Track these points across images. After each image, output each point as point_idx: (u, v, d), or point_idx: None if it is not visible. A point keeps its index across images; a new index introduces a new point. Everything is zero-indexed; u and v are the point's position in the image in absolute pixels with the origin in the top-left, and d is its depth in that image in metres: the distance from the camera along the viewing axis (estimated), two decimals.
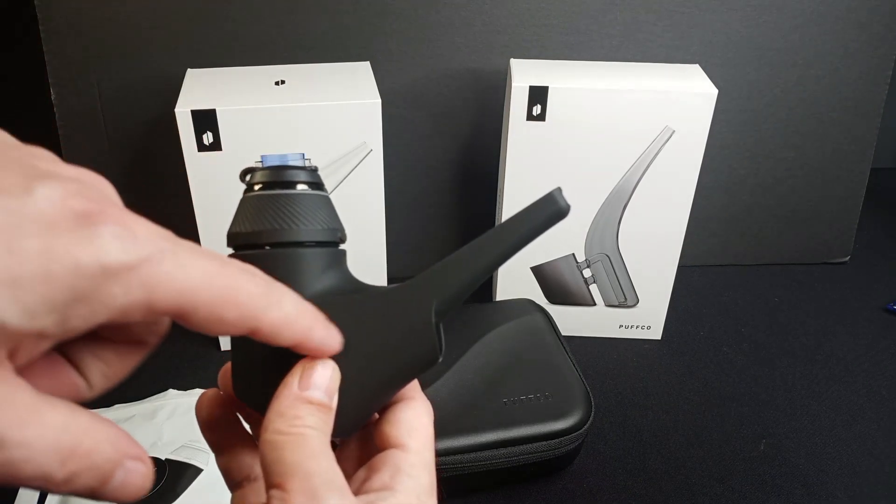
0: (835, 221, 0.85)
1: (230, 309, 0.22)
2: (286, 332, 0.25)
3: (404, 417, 0.30)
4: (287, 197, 0.31)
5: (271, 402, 0.27)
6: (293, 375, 0.28)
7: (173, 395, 0.62)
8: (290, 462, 0.25)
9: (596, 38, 0.73)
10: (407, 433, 0.29)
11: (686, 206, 0.67)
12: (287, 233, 0.30)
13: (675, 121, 0.63)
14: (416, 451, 0.29)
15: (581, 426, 0.56)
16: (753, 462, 0.61)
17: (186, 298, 0.21)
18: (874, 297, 0.81)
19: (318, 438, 0.26)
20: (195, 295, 0.21)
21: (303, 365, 0.28)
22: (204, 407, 0.31)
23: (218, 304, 0.22)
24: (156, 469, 0.56)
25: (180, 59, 0.67)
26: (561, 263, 0.71)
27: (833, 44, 0.75)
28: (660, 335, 0.74)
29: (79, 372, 0.24)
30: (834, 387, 0.69)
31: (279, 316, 0.24)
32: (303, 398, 0.27)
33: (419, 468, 0.29)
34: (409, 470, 0.28)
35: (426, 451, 0.30)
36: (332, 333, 0.27)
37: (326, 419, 0.27)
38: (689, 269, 0.83)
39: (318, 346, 0.26)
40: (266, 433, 0.26)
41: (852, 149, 0.81)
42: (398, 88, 0.73)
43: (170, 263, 0.21)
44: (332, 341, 0.27)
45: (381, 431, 0.30)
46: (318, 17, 0.70)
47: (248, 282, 0.23)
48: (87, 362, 0.24)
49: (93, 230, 0.19)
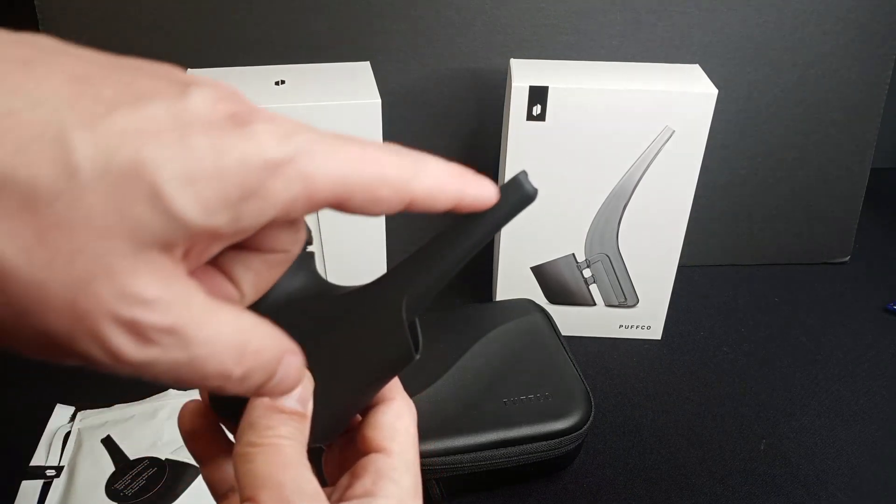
0: (835, 221, 0.85)
1: (383, 187, 0.22)
2: (441, 197, 0.24)
3: (385, 420, 0.29)
4: None
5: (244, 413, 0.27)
6: None
7: (174, 395, 0.62)
8: (262, 474, 0.25)
9: (596, 37, 0.73)
10: (389, 436, 0.29)
11: (686, 206, 0.67)
12: None
13: (676, 121, 0.63)
14: (398, 453, 0.29)
15: (581, 426, 0.56)
16: (753, 462, 0.61)
17: (342, 185, 0.21)
18: (874, 297, 0.81)
19: (291, 448, 0.26)
20: (349, 179, 0.21)
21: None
22: (186, 418, 0.31)
23: (372, 184, 0.22)
24: (156, 469, 0.57)
25: (180, 60, 0.67)
26: (561, 263, 0.71)
27: (834, 44, 0.75)
28: (660, 335, 0.74)
29: (231, 282, 0.25)
30: (834, 387, 0.69)
31: (430, 181, 0.24)
32: (274, 408, 0.26)
33: (401, 471, 0.28)
34: (391, 474, 0.28)
35: (408, 452, 0.29)
36: (483, 183, 0.25)
37: (300, 427, 0.26)
38: (690, 269, 0.83)
39: (474, 200, 0.25)
40: (238, 445, 0.26)
41: (852, 149, 0.81)
42: (398, 88, 0.73)
43: (321, 154, 0.21)
44: (488, 191, 0.25)
45: (363, 435, 0.30)
46: (318, 17, 0.70)
47: (393, 156, 0.23)
48: (239, 272, 0.25)
49: (248, 129, 0.20)
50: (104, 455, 0.56)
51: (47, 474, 0.56)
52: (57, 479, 0.55)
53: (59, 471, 0.56)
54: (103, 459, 0.56)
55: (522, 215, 0.27)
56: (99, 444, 0.57)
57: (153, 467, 0.55)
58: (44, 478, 0.55)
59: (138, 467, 0.55)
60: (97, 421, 0.60)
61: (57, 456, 0.57)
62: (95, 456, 0.56)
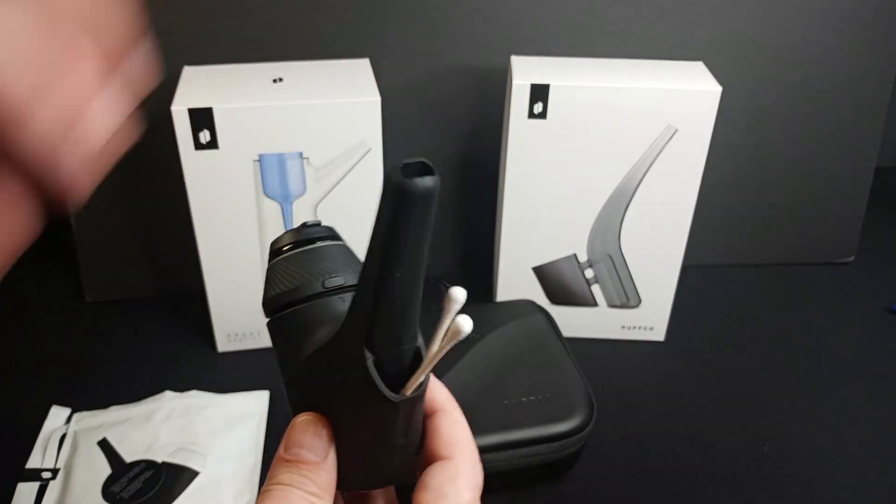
0: (839, 221, 0.84)
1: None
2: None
3: (435, 483, 0.29)
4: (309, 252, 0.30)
5: None
6: (283, 438, 0.29)
7: (170, 398, 0.61)
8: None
9: (598, 35, 0.73)
10: (433, 500, 0.29)
11: (689, 206, 0.66)
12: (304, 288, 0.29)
13: (679, 119, 0.62)
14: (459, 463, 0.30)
15: (583, 428, 0.55)
16: (757, 464, 0.60)
17: None
18: (879, 297, 0.81)
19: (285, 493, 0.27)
20: None
21: (290, 426, 0.29)
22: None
23: None
24: (152, 472, 0.56)
25: (177, 57, 0.67)
26: (563, 264, 0.70)
27: (838, 42, 0.74)
28: (663, 336, 0.74)
29: None
30: (838, 388, 0.68)
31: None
32: (280, 458, 0.28)
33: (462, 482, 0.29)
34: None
35: (468, 463, 0.30)
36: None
37: (308, 473, 0.28)
38: (693, 270, 0.82)
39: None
40: None
41: (857, 147, 0.80)
42: (398, 86, 0.72)
43: None
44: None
45: (416, 498, 0.30)
46: (317, 13, 0.69)
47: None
48: None
49: None
50: (100, 457, 0.56)
51: (43, 477, 0.55)
52: (53, 481, 0.55)
53: (55, 473, 0.56)
54: (99, 462, 0.55)
55: (523, 215, 0.25)
56: (95, 447, 0.57)
57: (150, 470, 0.55)
58: (39, 480, 0.55)
59: (135, 470, 0.55)
60: (93, 423, 0.59)
61: (53, 458, 0.57)
62: (91, 458, 0.56)
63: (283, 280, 0.29)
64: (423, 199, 0.22)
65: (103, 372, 0.67)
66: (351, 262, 0.31)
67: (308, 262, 0.30)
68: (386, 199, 0.22)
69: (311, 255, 0.30)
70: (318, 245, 0.30)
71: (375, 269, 0.24)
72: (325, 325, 0.28)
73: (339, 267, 0.30)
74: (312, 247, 0.30)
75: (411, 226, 0.22)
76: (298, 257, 0.30)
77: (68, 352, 0.70)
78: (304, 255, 0.30)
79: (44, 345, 0.71)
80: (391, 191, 0.22)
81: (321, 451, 0.28)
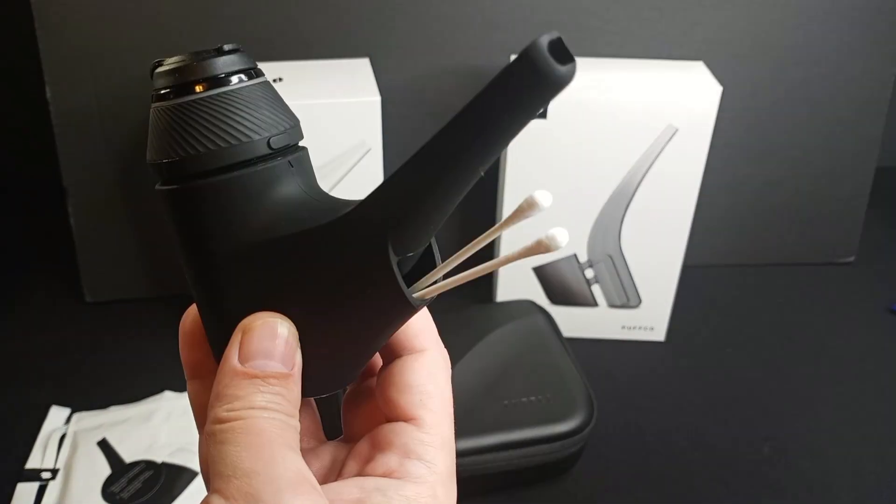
0: (840, 221, 0.84)
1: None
2: None
3: (414, 381, 0.24)
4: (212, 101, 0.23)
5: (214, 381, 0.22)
6: (231, 345, 0.22)
7: (169, 398, 0.61)
8: (230, 460, 0.20)
9: (598, 34, 0.72)
10: (419, 402, 0.24)
11: (690, 206, 0.66)
12: (213, 157, 0.22)
13: (679, 119, 0.62)
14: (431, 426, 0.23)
15: (583, 429, 0.55)
16: (757, 465, 0.60)
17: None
18: (880, 297, 0.81)
19: (267, 422, 0.21)
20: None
21: (241, 329, 0.22)
22: (189, 318, 0.26)
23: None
24: (152, 473, 0.56)
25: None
26: (563, 264, 0.70)
27: (838, 42, 0.74)
28: (663, 336, 0.74)
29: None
30: (839, 388, 0.68)
31: None
32: (244, 373, 0.21)
33: (435, 449, 0.23)
34: (422, 453, 0.23)
35: (442, 424, 0.24)
36: None
37: (283, 391, 0.22)
38: (693, 270, 0.82)
39: None
40: (207, 423, 0.22)
41: (858, 147, 0.80)
42: (398, 86, 0.72)
43: None
44: None
45: (386, 396, 0.24)
46: (317, 12, 0.69)
47: None
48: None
49: None
50: (100, 458, 0.56)
51: (43, 477, 0.55)
52: (52, 481, 0.55)
53: (54, 473, 0.55)
54: (99, 462, 0.55)
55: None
56: (95, 447, 0.57)
57: (149, 470, 0.55)
58: (39, 480, 0.55)
59: (134, 470, 0.55)
60: (93, 423, 0.59)
61: (52, 458, 0.57)
62: (91, 459, 0.56)
63: (205, 133, 0.22)
64: (559, 89, 0.18)
65: (103, 372, 0.67)
66: (286, 111, 0.25)
67: (237, 109, 0.23)
68: (514, 79, 0.18)
69: (237, 98, 0.23)
70: (244, 84, 0.23)
71: (454, 157, 0.20)
72: (271, 198, 0.23)
73: (279, 119, 0.24)
74: (237, 86, 0.23)
75: (525, 117, 0.18)
76: (220, 101, 0.23)
77: (68, 352, 0.70)
78: (228, 99, 0.23)
79: (44, 345, 0.71)
80: (529, 70, 0.18)
81: (289, 360, 0.22)
